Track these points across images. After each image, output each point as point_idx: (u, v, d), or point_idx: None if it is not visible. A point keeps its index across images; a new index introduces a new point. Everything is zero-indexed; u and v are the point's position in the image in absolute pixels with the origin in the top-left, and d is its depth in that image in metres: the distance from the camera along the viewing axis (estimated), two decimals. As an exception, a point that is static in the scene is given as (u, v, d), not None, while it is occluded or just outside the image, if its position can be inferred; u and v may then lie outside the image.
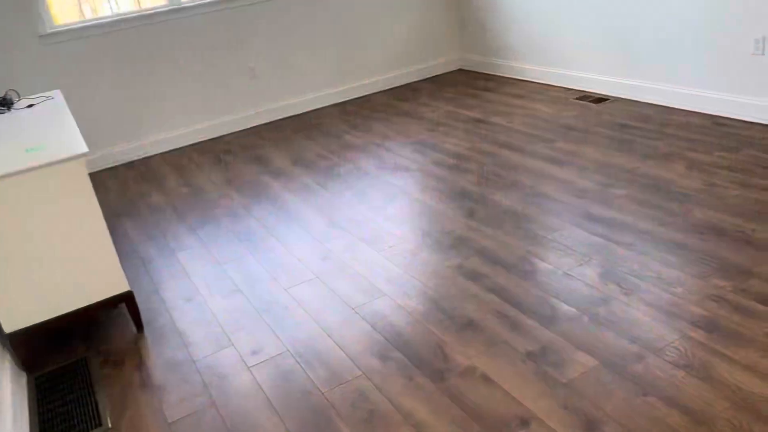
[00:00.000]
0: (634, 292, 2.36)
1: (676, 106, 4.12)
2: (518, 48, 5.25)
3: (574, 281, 2.47)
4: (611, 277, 2.47)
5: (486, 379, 2.04)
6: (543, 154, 3.72)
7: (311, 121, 5.04)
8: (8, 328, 2.35)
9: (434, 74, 5.88)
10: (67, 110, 2.98)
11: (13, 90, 3.69)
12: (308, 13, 5.12)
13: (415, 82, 5.76)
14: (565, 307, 2.32)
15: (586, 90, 4.76)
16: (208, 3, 4.71)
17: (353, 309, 2.51)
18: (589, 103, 4.47)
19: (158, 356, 2.41)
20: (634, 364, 2.01)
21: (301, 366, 2.23)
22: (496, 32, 5.42)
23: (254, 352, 2.35)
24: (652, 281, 2.40)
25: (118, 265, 2.46)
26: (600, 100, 4.50)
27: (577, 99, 4.60)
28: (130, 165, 4.67)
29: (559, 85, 4.98)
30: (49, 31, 4.28)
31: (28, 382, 2.38)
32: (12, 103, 3.26)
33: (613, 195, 3.10)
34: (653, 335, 2.12)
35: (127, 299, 2.53)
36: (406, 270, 2.73)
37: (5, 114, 3.11)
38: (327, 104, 5.43)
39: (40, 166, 2.23)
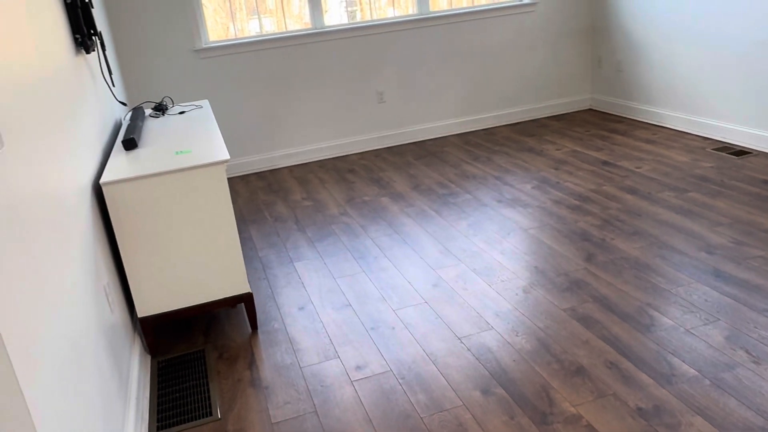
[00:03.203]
0: (765, 361, 2.18)
1: (830, 167, 3.79)
2: (654, 92, 5.06)
3: (697, 341, 2.33)
4: (739, 341, 2.30)
5: (591, 429, 1.96)
6: (672, 203, 3.55)
7: (433, 149, 5.12)
8: (141, 313, 2.56)
9: (563, 112, 5.78)
10: (213, 119, 3.22)
11: (169, 97, 4.05)
12: (439, 43, 5.23)
13: (542, 118, 5.70)
14: (685, 367, 2.19)
15: (726, 141, 4.49)
16: (347, 28, 4.94)
17: (459, 339, 2.51)
18: (728, 155, 4.21)
19: (268, 358, 2.53)
20: (759, 439, 1.86)
21: (402, 387, 2.26)
22: (631, 74, 5.26)
23: (358, 368, 2.40)
24: (786, 352, 2.21)
25: (243, 267, 2.62)
26: (741, 152, 4.23)
27: (715, 150, 4.35)
28: (260, 175, 4.95)
29: (695, 133, 4.74)
30: (204, 46, 4.66)
31: (152, 365, 2.57)
32: (166, 109, 3.57)
33: (748, 254, 2.90)
34: (784, 411, 1.95)
35: (246, 300, 2.68)
36: (517, 306, 2.69)
37: (160, 118, 3.42)
38: (450, 133, 5.49)
39: (187, 168, 2.43)
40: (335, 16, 5.04)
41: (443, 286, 2.93)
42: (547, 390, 2.16)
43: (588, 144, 4.79)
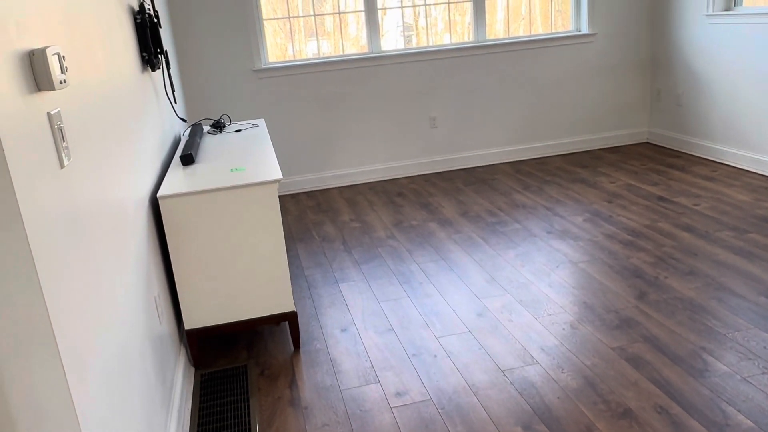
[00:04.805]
0: (828, 417, 2.06)
1: None
2: (715, 127, 4.91)
3: (754, 390, 2.22)
4: (800, 394, 2.18)
5: (637, 476, 1.88)
6: (731, 244, 3.42)
7: (484, 176, 5.09)
8: (188, 325, 2.60)
9: (618, 144, 5.68)
10: (268, 138, 3.29)
11: (227, 115, 4.16)
12: (495, 71, 5.22)
13: (596, 150, 5.60)
14: (740, 417, 2.09)
15: (792, 181, 4.32)
16: (403, 53, 4.99)
17: (502, 371, 2.46)
18: (793, 197, 4.05)
19: (309, 378, 2.54)
20: (820, 500, 1.75)
21: (442, 417, 2.22)
22: (691, 108, 5.13)
23: (398, 394, 2.38)
24: None
25: (289, 285, 2.64)
26: (807, 194, 4.06)
27: (779, 190, 4.19)
28: (310, 194, 5.02)
29: (758, 171, 4.57)
30: (263, 66, 4.78)
31: (195, 377, 2.61)
32: (224, 126, 3.67)
33: (813, 302, 2.76)
34: None
35: (290, 319, 2.70)
36: (563, 342, 2.62)
37: (217, 135, 3.51)
38: (501, 161, 5.45)
39: (240, 186, 2.48)
40: (391, 40, 5.10)
41: (488, 316, 2.89)
42: (592, 431, 2.09)
43: (643, 178, 4.68)
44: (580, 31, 5.35)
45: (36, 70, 1.27)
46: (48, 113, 1.32)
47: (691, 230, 3.65)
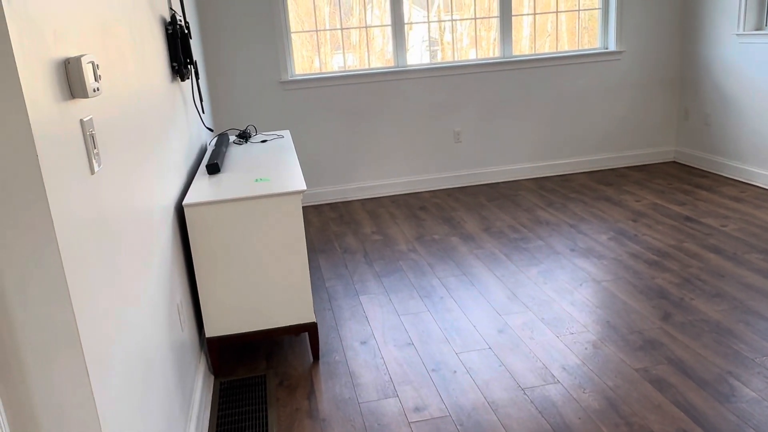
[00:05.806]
0: None
1: None
2: (744, 148, 4.84)
3: (783, 418, 2.16)
4: (831, 423, 2.12)
5: (660, 501, 1.84)
6: (760, 267, 3.35)
7: (507, 192, 5.06)
8: (209, 333, 2.62)
9: (644, 163, 5.62)
10: (293, 149, 3.31)
11: (253, 125, 4.20)
12: (520, 87, 5.21)
13: (621, 168, 5.55)
14: (768, 445, 2.04)
15: (823, 205, 4.22)
16: (429, 68, 5.00)
17: (523, 390, 2.43)
18: (824, 220, 3.96)
19: (327, 390, 2.53)
20: None
21: (460, 434, 2.20)
22: (720, 128, 5.06)
23: (417, 409, 2.36)
24: None
25: (310, 296, 2.64)
26: (839, 218, 3.97)
27: (809, 213, 4.10)
28: (332, 206, 5.04)
29: (789, 194, 4.49)
30: (290, 78, 4.83)
31: (214, 386, 2.62)
32: (250, 137, 3.70)
33: None
34: None
35: (310, 330, 2.70)
36: (586, 361, 2.59)
37: (242, 145, 3.54)
38: (525, 177, 5.42)
39: (264, 196, 2.50)
40: (417, 54, 5.12)
41: (509, 333, 2.86)
42: (614, 454, 2.05)
43: (670, 197, 4.62)
44: (607, 49, 5.32)
45: (71, 78, 1.30)
46: (81, 120, 1.35)
47: (719, 252, 3.59)
